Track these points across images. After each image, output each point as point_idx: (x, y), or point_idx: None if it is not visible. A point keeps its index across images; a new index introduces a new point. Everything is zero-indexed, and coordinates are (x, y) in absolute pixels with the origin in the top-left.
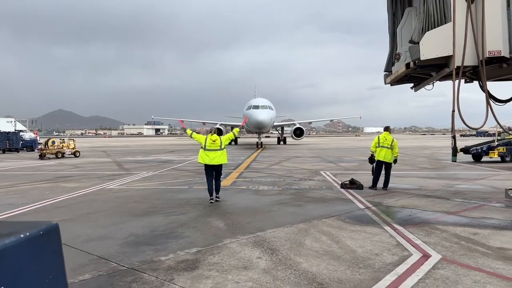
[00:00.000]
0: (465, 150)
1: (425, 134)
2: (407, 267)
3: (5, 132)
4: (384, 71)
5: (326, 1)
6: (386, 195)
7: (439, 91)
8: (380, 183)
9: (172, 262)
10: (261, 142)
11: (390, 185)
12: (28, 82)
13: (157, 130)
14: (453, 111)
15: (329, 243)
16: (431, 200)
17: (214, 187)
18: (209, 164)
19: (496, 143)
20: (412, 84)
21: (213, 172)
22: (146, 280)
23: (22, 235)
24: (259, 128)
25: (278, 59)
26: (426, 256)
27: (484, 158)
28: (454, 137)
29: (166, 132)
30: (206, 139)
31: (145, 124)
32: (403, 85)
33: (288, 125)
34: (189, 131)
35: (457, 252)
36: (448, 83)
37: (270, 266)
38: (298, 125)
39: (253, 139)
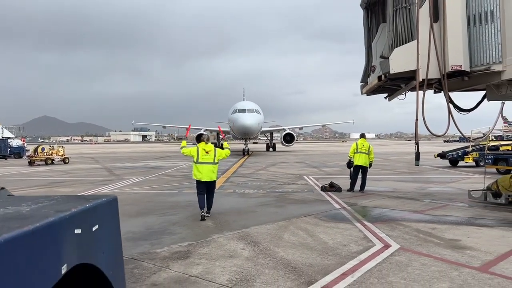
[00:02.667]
0: (442, 156)
1: (410, 140)
2: (368, 254)
3: None
4: (361, 82)
5: (312, 10)
6: (361, 197)
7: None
8: (358, 186)
9: (167, 253)
10: (248, 149)
11: (366, 188)
12: (12, 88)
13: (144, 137)
14: (417, 119)
15: (304, 236)
16: (402, 201)
17: (205, 202)
18: (201, 180)
19: (471, 148)
20: (386, 94)
21: (205, 189)
22: (146, 267)
23: (104, 199)
24: (245, 134)
25: (266, 66)
26: (387, 246)
27: (461, 163)
28: (417, 143)
29: (153, 138)
30: (198, 151)
31: (132, 131)
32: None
33: (278, 131)
34: (183, 143)
35: (414, 243)
36: (429, 93)
37: (252, 255)
38: (288, 131)
39: (240, 145)
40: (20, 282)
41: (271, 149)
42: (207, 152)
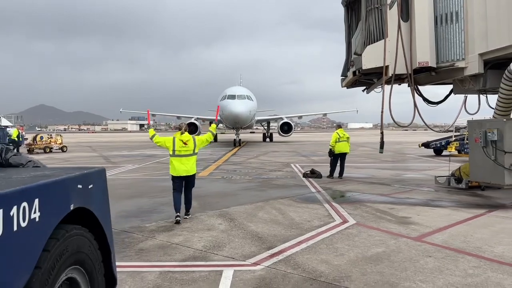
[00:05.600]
0: (426, 145)
1: (407, 130)
2: (326, 228)
3: None
4: (341, 76)
5: None
6: (338, 182)
7: (429, 88)
8: (337, 173)
9: (154, 227)
10: (240, 140)
11: (346, 174)
12: (8, 77)
13: (141, 126)
14: (382, 111)
15: (276, 214)
16: (374, 186)
17: (183, 200)
18: (178, 175)
19: (453, 138)
20: (364, 87)
21: (183, 184)
22: (135, 237)
23: (96, 169)
24: (236, 123)
25: (262, 56)
26: (344, 222)
27: (445, 152)
28: (382, 133)
29: (151, 123)
30: (174, 141)
31: (129, 120)
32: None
33: (275, 120)
34: (151, 132)
35: (369, 219)
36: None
37: (227, 228)
38: (285, 120)
39: (233, 135)
40: (49, 207)
41: (267, 139)
42: (185, 143)
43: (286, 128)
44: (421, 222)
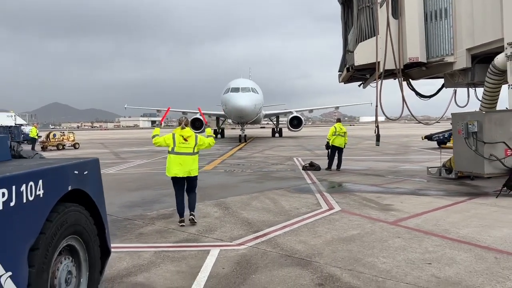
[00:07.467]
0: (429, 137)
1: (419, 123)
2: (312, 214)
3: (7, 126)
4: (338, 71)
5: None
6: (335, 174)
7: (431, 81)
8: (335, 165)
9: (154, 215)
10: (245, 135)
11: (345, 167)
12: (23, 76)
13: (153, 122)
14: (376, 106)
15: (268, 203)
16: (368, 177)
17: (186, 203)
18: (177, 176)
19: None
20: (360, 82)
21: (184, 187)
22: (136, 223)
23: (91, 158)
24: (240, 117)
25: (272, 51)
26: (330, 209)
27: (448, 144)
28: (377, 127)
29: (162, 124)
30: (174, 137)
31: (141, 116)
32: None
33: (285, 114)
34: (155, 131)
35: (354, 206)
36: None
37: (221, 215)
38: (295, 114)
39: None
40: (51, 187)
41: (277, 134)
42: (185, 140)
43: (295, 122)
44: (401, 209)
